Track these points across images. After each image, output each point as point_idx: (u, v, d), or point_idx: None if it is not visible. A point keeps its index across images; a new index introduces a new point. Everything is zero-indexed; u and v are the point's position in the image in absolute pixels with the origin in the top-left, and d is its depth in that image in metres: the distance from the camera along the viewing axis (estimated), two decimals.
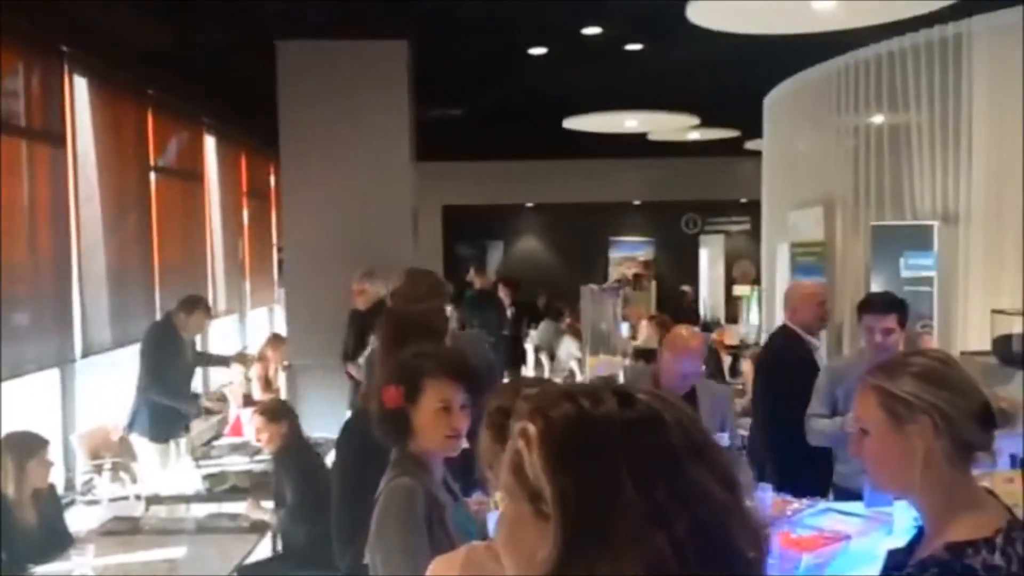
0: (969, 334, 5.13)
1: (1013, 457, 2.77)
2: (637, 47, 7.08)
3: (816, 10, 5.30)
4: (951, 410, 1.54)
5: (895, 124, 6.26)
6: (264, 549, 4.12)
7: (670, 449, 0.88)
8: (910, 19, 5.60)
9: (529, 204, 15.22)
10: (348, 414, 3.91)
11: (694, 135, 10.78)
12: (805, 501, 3.18)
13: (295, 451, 4.33)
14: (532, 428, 0.90)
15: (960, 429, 1.54)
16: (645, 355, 8.65)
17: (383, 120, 6.26)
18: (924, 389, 1.55)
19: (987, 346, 4.46)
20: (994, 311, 4.26)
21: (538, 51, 7.11)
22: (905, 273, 5.71)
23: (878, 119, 6.47)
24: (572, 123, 9.78)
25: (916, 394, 1.55)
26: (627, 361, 8.34)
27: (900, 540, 1.77)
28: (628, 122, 9.70)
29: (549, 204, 14.70)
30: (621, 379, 2.99)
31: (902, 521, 2.58)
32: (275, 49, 6.17)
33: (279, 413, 4.44)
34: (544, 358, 9.52)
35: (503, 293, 10.05)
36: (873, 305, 3.60)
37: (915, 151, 5.98)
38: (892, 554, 1.73)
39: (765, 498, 2.75)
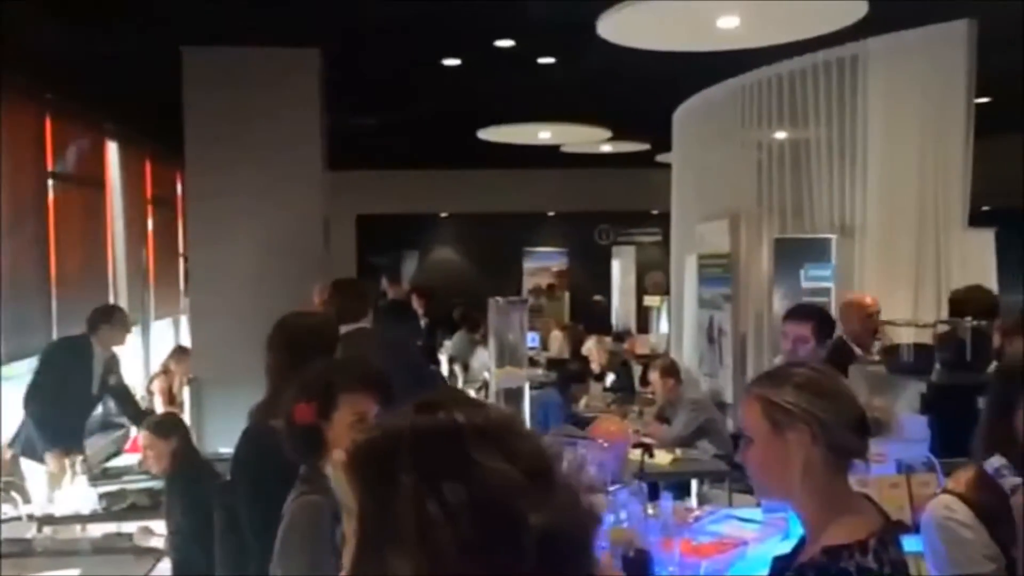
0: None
1: (899, 463, 2.89)
2: (550, 60, 7.16)
3: (721, 29, 5.46)
4: (829, 419, 1.62)
5: (796, 140, 6.48)
6: (164, 569, 3.99)
7: (459, 450, 0.93)
8: (810, 39, 5.81)
9: (444, 214, 15.20)
10: None
11: (606, 147, 10.96)
12: (707, 508, 3.26)
13: (188, 469, 4.04)
14: (342, 455, 0.99)
15: (837, 437, 1.62)
16: (557, 365, 8.75)
17: (294, 129, 6.17)
18: (804, 399, 1.63)
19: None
20: (882, 322, 4.44)
21: (452, 62, 7.12)
22: (805, 284, 5.91)
23: (780, 135, 6.68)
24: (486, 134, 9.83)
25: (796, 403, 1.63)
26: (539, 372, 8.41)
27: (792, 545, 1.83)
28: (541, 134, 9.80)
29: (464, 214, 14.72)
30: (527, 390, 3.01)
31: (798, 527, 2.67)
32: (180, 54, 6.02)
33: (168, 427, 4.14)
34: (458, 369, 9.52)
35: (417, 304, 10.00)
36: (791, 313, 3.69)
37: (815, 167, 6.20)
38: (777, 560, 1.80)
39: (666, 507, 2.81)
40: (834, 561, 1.54)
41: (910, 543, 1.98)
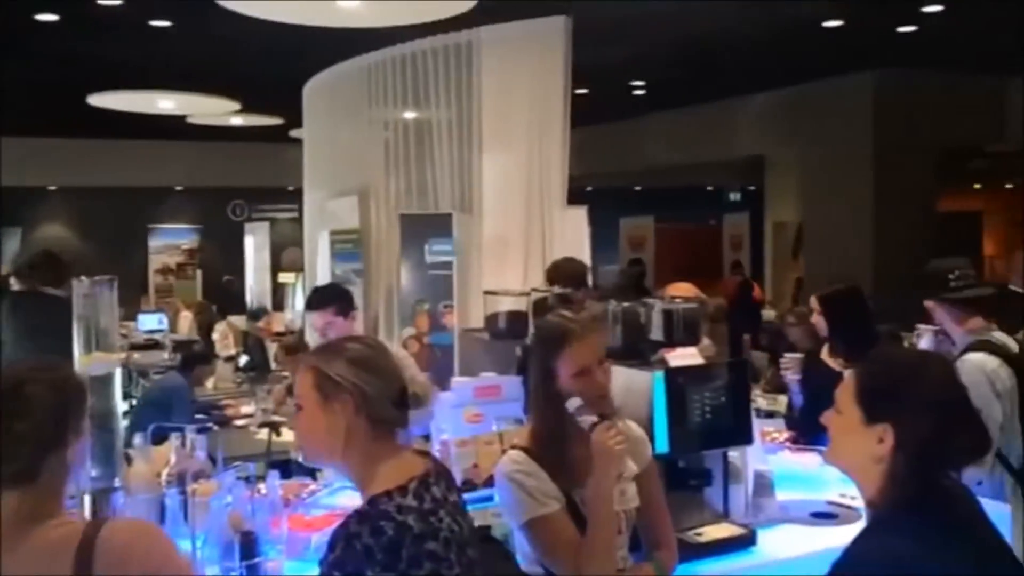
0: (480, 312, 5.70)
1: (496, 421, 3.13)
2: (164, 24, 6.72)
3: (341, 7, 5.48)
4: (371, 391, 1.75)
5: (420, 120, 6.70)
6: None
7: None
8: (430, 23, 6.03)
9: (52, 187, 13.70)
10: None
11: (237, 120, 10.56)
12: (323, 481, 3.28)
13: None
14: None
15: (378, 409, 1.76)
16: (184, 347, 8.30)
17: None
18: (351, 372, 1.75)
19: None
20: (485, 292, 4.77)
21: (47, 18, 6.40)
22: (429, 258, 6.16)
23: (407, 115, 6.87)
24: (98, 100, 9.01)
25: (344, 375, 1.75)
26: (165, 355, 7.92)
27: None
28: (162, 103, 9.20)
29: (77, 187, 13.39)
30: (118, 375, 2.82)
31: None
32: None
33: None
34: None
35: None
36: (308, 304, 3.85)
37: (437, 146, 6.46)
38: None
39: (272, 486, 2.78)
40: (374, 507, 1.67)
41: None
